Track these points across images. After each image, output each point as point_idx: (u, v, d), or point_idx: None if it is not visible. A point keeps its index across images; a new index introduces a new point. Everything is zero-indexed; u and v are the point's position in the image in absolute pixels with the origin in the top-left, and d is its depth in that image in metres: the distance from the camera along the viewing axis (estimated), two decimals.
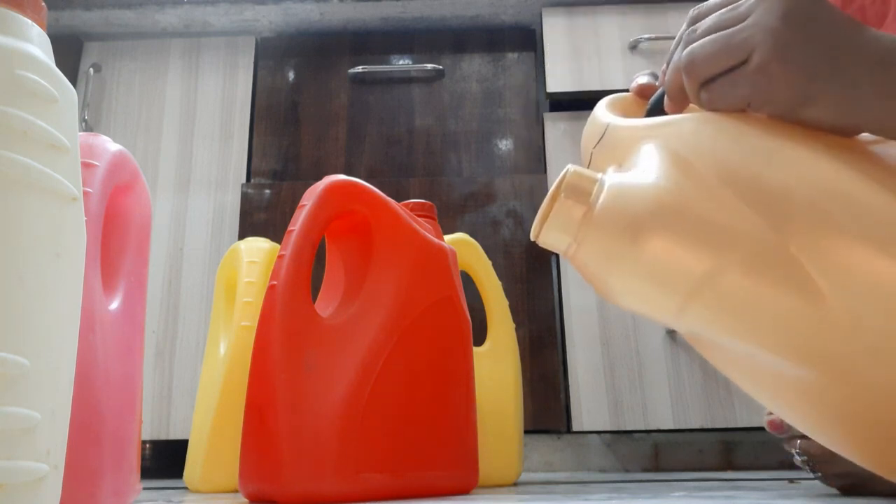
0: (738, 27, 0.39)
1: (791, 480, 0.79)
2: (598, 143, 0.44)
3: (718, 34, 0.40)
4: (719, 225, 0.34)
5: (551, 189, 0.38)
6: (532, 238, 0.38)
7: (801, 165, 0.35)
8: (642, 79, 0.51)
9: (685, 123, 0.40)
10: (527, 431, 0.87)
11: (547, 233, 0.37)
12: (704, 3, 0.43)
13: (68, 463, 0.29)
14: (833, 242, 0.32)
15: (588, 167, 0.45)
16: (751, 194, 0.34)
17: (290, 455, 0.55)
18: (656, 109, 0.45)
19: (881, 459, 0.36)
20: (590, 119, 0.47)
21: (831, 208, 0.32)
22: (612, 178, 0.37)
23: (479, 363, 0.76)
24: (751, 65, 0.39)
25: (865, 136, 0.38)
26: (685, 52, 0.42)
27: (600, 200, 0.35)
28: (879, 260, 0.31)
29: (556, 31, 1.31)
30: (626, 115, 0.47)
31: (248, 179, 1.29)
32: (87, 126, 1.29)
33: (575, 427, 1.12)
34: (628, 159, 0.40)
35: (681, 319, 0.35)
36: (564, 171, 0.37)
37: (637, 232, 0.34)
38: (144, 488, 0.56)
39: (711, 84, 0.41)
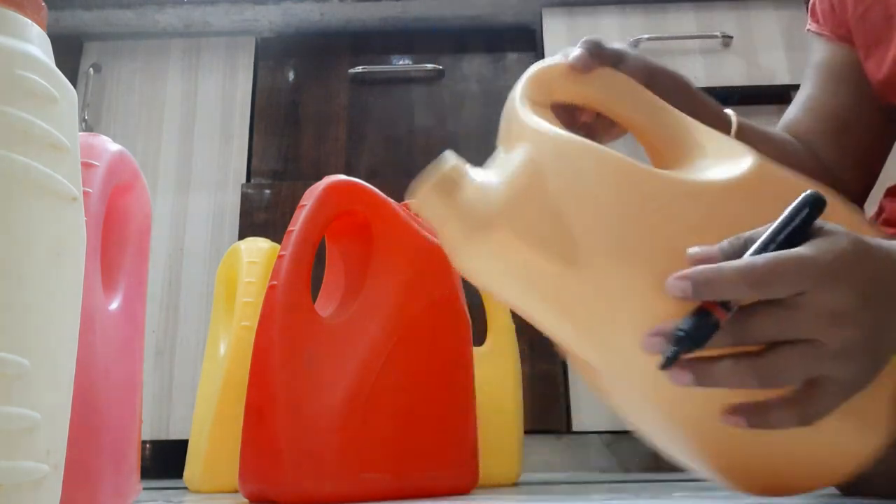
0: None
1: None
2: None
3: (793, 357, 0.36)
4: (545, 237, 0.39)
5: (438, 169, 0.44)
6: (409, 198, 0.43)
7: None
8: (576, 51, 0.49)
9: (568, 147, 0.41)
10: (527, 431, 0.87)
11: (422, 205, 0.43)
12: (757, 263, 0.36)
13: (68, 463, 0.29)
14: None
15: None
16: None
17: (290, 455, 0.55)
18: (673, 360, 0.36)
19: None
20: (520, 89, 0.48)
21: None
22: (475, 175, 0.43)
23: (479, 363, 0.76)
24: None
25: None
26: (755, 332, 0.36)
27: (462, 196, 0.42)
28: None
29: (556, 32, 1.31)
30: (552, 88, 0.48)
31: (248, 179, 1.29)
32: (87, 126, 1.29)
33: (575, 427, 1.12)
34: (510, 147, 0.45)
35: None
36: (444, 159, 0.43)
37: (484, 226, 0.40)
38: (144, 488, 0.56)
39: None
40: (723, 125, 0.58)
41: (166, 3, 1.31)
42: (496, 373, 0.84)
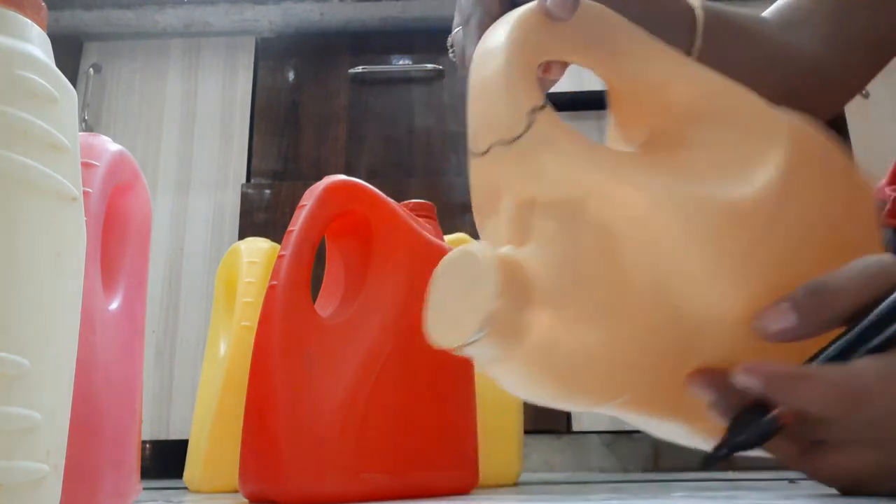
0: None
1: (791, 481, 0.79)
2: (512, 140, 0.33)
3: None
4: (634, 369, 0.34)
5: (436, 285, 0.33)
6: (439, 345, 0.34)
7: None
8: None
9: (661, 212, 0.33)
10: (527, 431, 0.87)
11: (473, 349, 0.33)
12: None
13: (68, 463, 0.29)
14: None
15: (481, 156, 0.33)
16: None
17: (290, 455, 0.55)
18: (717, 458, 0.33)
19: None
20: (490, 73, 0.33)
21: None
22: (537, 325, 0.32)
23: None
24: None
25: None
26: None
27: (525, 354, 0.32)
28: None
29: None
30: (538, 51, 0.35)
31: (248, 179, 1.29)
32: (87, 126, 1.29)
33: (575, 427, 1.12)
34: (544, 218, 0.33)
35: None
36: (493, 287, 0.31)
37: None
38: (144, 488, 0.56)
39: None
40: (685, 22, 0.45)
41: (166, 3, 1.31)
42: None
